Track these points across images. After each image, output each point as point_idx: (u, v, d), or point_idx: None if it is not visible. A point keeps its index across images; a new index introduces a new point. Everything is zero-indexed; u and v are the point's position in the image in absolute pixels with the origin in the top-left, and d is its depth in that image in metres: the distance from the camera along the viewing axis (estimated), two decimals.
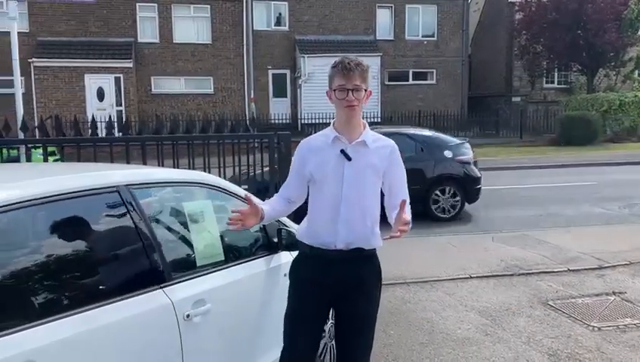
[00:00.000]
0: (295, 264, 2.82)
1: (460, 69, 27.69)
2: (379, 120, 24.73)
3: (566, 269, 6.44)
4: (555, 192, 12.18)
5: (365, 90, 2.61)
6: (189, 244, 2.84)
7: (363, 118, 2.75)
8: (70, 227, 2.32)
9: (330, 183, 2.64)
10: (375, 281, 2.78)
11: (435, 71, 27.45)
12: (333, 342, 3.96)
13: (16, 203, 2.09)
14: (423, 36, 27.33)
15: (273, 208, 2.79)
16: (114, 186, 2.50)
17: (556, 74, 29.12)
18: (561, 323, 4.86)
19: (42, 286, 2.14)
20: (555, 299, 5.48)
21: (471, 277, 6.19)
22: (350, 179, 2.62)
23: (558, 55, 25.84)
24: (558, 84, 29.45)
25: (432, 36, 27.40)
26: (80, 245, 2.35)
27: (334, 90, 2.62)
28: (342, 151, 2.64)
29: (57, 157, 8.14)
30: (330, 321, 3.96)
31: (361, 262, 2.69)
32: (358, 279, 2.69)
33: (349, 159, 2.62)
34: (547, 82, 29.22)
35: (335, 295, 2.69)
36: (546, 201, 11.11)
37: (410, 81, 27.40)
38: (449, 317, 5.05)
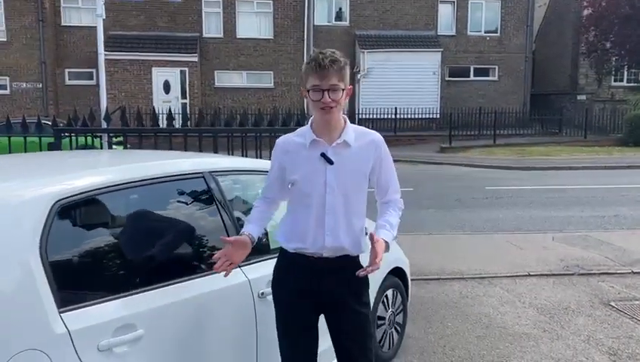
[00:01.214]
0: (278, 273, 2.58)
1: (523, 65, 27.00)
2: (438, 116, 24.53)
3: (630, 271, 6.34)
4: (621, 193, 11.82)
5: (344, 90, 2.37)
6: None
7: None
8: (164, 207, 2.58)
9: (311, 190, 2.42)
10: (364, 284, 2.58)
11: (497, 67, 26.90)
12: (392, 329, 4.13)
13: (120, 184, 2.35)
14: (485, 32, 26.80)
15: (262, 218, 2.60)
16: (200, 172, 2.74)
17: (626, 72, 27.94)
18: (622, 323, 4.83)
19: (141, 259, 2.40)
20: (617, 300, 5.43)
21: (529, 275, 6.18)
22: (334, 186, 2.41)
23: (629, 52, 24.83)
24: (627, 82, 28.24)
25: (495, 32, 26.83)
26: (174, 223, 2.60)
27: (308, 91, 2.37)
28: (322, 154, 2.41)
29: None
30: (391, 310, 4.13)
31: (349, 268, 2.48)
32: (348, 285, 2.49)
33: (331, 163, 2.40)
34: (615, 80, 28.09)
35: (325, 303, 2.51)
36: (610, 202, 10.82)
37: (472, 78, 26.92)
38: (507, 313, 5.10)
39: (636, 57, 25.25)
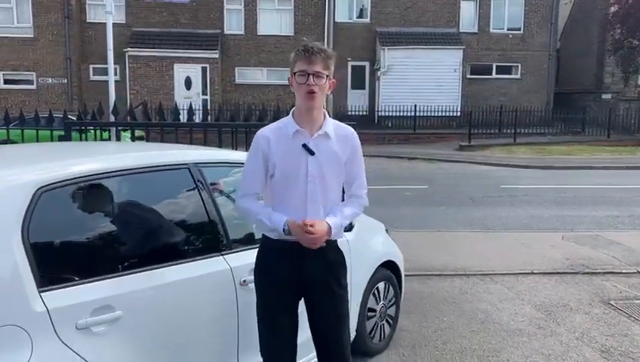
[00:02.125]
0: (261, 262, 2.66)
1: (546, 63, 26.64)
2: (458, 114, 24.37)
3: (635, 271, 6.30)
4: (639, 194, 11.65)
5: (328, 77, 2.50)
6: None
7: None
8: (147, 196, 2.70)
9: (293, 180, 2.52)
10: (343, 268, 2.72)
11: (519, 65, 26.58)
12: (384, 322, 4.20)
13: (102, 173, 2.48)
14: (508, 29, 26.51)
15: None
16: (185, 164, 2.85)
17: None
18: (619, 322, 4.82)
19: (120, 244, 2.53)
20: (617, 299, 5.41)
21: (532, 273, 6.18)
22: (314, 175, 2.53)
23: None
24: None
25: (518, 29, 26.52)
26: (156, 212, 2.71)
27: (294, 74, 2.50)
28: (304, 145, 2.52)
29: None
30: (382, 302, 4.20)
31: (330, 252, 2.63)
32: (328, 267, 2.62)
33: (312, 154, 2.52)
34: None
35: (307, 286, 2.61)
36: (627, 203, 10.69)
37: (494, 75, 26.68)
38: (504, 309, 5.12)
39: None
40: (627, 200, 10.99)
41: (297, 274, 2.58)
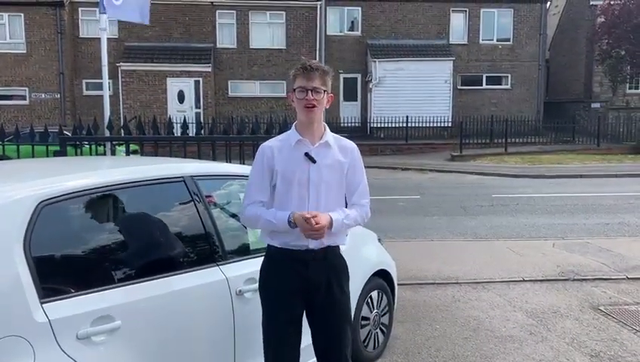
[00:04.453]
0: (265, 271, 2.75)
1: (536, 73, 26.96)
2: (450, 124, 24.57)
3: (624, 277, 6.39)
4: (629, 201, 11.80)
5: (325, 92, 2.65)
6: (244, 231, 3.22)
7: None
8: (144, 209, 2.77)
9: (296, 187, 2.63)
10: (345, 274, 2.81)
11: (509, 75, 26.90)
12: (377, 330, 4.27)
13: (101, 187, 2.55)
14: (498, 40, 26.85)
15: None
16: (180, 177, 2.93)
17: None
18: (608, 327, 4.90)
19: (119, 256, 2.59)
20: (607, 304, 5.50)
21: (524, 280, 6.27)
22: (316, 182, 2.65)
23: None
24: None
25: (508, 40, 26.86)
26: (153, 224, 2.79)
27: (294, 90, 2.64)
28: (306, 154, 2.65)
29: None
30: (375, 311, 4.26)
31: (333, 258, 2.75)
32: (330, 271, 2.72)
33: (314, 161, 2.64)
34: (630, 88, 27.92)
35: (311, 293, 2.69)
36: (616, 210, 10.82)
37: (484, 86, 26.97)
38: (496, 316, 5.20)
39: None
40: (617, 207, 11.13)
41: (301, 280, 2.67)
